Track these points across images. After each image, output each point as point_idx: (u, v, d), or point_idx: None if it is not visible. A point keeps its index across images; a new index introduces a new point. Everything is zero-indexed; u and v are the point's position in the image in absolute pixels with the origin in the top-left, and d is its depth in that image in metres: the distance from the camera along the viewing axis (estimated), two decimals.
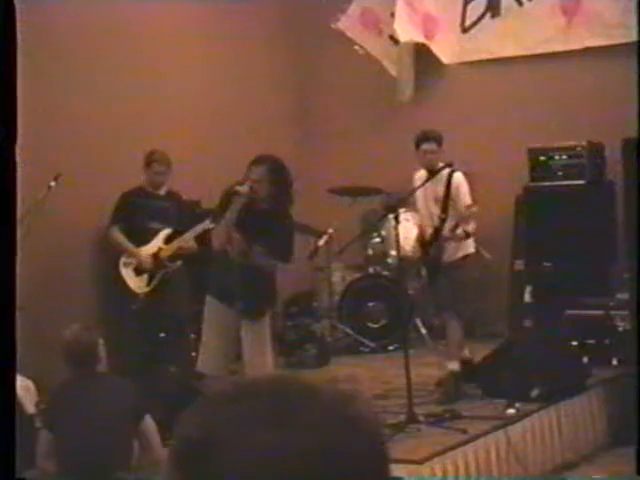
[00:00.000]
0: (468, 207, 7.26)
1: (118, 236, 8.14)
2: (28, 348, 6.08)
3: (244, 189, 6.43)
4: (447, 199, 7.37)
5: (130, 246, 8.10)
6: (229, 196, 6.53)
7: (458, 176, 7.42)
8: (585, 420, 7.44)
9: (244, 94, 10.08)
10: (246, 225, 6.49)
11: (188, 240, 7.93)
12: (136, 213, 8.12)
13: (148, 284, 8.05)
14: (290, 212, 6.72)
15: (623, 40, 8.98)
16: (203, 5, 9.74)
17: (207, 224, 7.32)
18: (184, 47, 9.59)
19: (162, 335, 8.07)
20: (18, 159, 4.17)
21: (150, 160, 8.19)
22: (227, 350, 6.71)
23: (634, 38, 8.54)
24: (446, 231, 7.30)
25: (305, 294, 10.16)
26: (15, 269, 4.10)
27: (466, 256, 7.51)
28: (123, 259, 8.13)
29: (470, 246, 7.55)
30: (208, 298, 6.76)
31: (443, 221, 7.35)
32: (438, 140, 7.50)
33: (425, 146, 7.46)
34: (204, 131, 9.40)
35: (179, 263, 8.07)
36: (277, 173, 6.50)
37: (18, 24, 4.31)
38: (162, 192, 8.27)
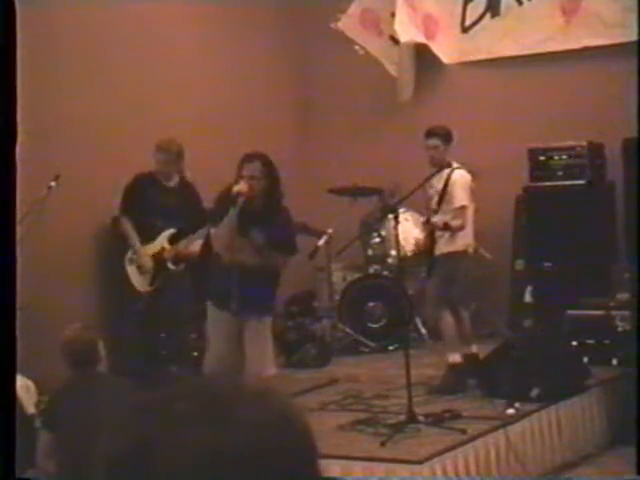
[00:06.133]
0: (458, 209, 7.37)
1: (127, 228, 8.07)
2: (28, 348, 6.08)
3: (243, 187, 6.44)
4: (443, 194, 7.44)
5: (136, 242, 8.05)
6: (227, 198, 6.53)
7: (456, 173, 7.46)
8: (585, 420, 7.43)
9: (244, 94, 10.07)
10: (246, 224, 6.52)
11: (190, 244, 7.89)
12: (144, 206, 8.00)
13: (151, 284, 8.02)
14: (284, 206, 6.75)
15: (622, 40, 8.97)
16: (204, 5, 9.74)
17: (199, 235, 7.37)
18: (185, 48, 9.59)
19: (162, 335, 8.07)
20: (18, 159, 4.17)
21: (156, 149, 8.07)
22: (232, 353, 6.68)
23: (634, 38, 8.54)
24: (429, 220, 7.50)
25: (305, 294, 10.16)
26: (15, 269, 4.09)
27: (455, 252, 7.48)
28: (129, 255, 8.07)
29: (458, 244, 7.49)
30: (209, 303, 6.80)
31: (434, 213, 7.47)
32: (442, 136, 7.55)
33: (428, 142, 7.53)
34: (204, 133, 9.39)
35: (182, 266, 8.02)
36: (269, 168, 6.57)
37: (18, 24, 4.31)
38: (173, 183, 8.15)
